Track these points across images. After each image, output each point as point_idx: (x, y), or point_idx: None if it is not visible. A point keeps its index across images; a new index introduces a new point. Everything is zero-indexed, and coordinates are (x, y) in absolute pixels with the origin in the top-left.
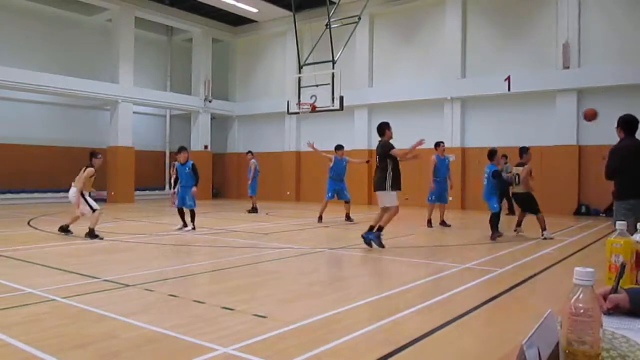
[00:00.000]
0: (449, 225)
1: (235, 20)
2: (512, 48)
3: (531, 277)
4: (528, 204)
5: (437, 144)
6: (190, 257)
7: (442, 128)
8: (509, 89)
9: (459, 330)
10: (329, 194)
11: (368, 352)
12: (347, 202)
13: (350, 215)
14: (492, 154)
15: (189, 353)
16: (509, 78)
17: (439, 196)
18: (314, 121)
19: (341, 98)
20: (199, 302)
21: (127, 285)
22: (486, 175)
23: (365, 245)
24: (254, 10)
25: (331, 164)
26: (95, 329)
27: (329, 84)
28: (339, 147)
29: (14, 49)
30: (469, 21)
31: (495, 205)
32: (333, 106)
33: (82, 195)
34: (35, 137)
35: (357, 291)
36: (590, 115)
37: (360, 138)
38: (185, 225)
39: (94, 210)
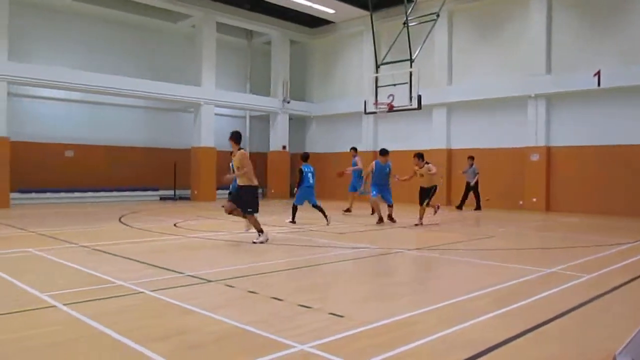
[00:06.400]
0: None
1: (312, 21)
2: (602, 41)
3: (622, 285)
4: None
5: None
6: (269, 254)
7: (526, 126)
8: (598, 85)
9: (541, 337)
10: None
11: (445, 356)
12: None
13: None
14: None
15: (267, 349)
16: (598, 73)
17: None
18: (392, 121)
19: (419, 97)
20: (277, 299)
21: (209, 281)
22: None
23: (442, 248)
24: (331, 11)
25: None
26: (179, 321)
27: (406, 83)
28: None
29: (107, 57)
30: (554, 13)
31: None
32: (411, 105)
33: None
34: (125, 139)
35: (434, 293)
36: None
37: (439, 138)
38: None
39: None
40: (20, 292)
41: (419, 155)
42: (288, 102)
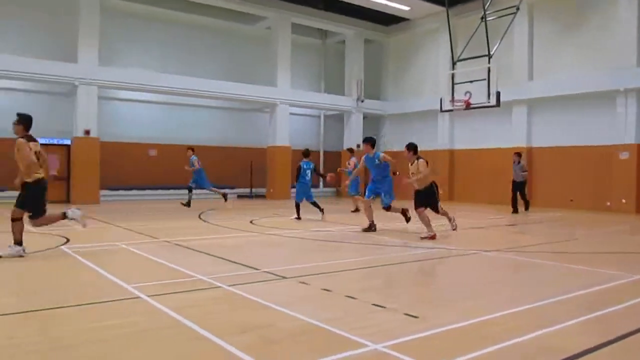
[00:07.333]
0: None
1: (387, 19)
2: None
3: None
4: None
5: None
6: (342, 253)
7: (614, 123)
8: None
9: (624, 350)
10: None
11: None
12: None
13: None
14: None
15: (341, 346)
16: None
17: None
18: (469, 119)
19: (498, 94)
20: (351, 297)
21: (284, 278)
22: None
23: (521, 250)
24: (406, 8)
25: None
26: (256, 316)
27: (484, 79)
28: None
29: (188, 60)
30: None
31: None
32: (489, 102)
33: None
34: (204, 138)
35: (513, 297)
36: None
37: (519, 135)
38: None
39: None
40: (109, 283)
41: (411, 147)
42: (362, 101)
